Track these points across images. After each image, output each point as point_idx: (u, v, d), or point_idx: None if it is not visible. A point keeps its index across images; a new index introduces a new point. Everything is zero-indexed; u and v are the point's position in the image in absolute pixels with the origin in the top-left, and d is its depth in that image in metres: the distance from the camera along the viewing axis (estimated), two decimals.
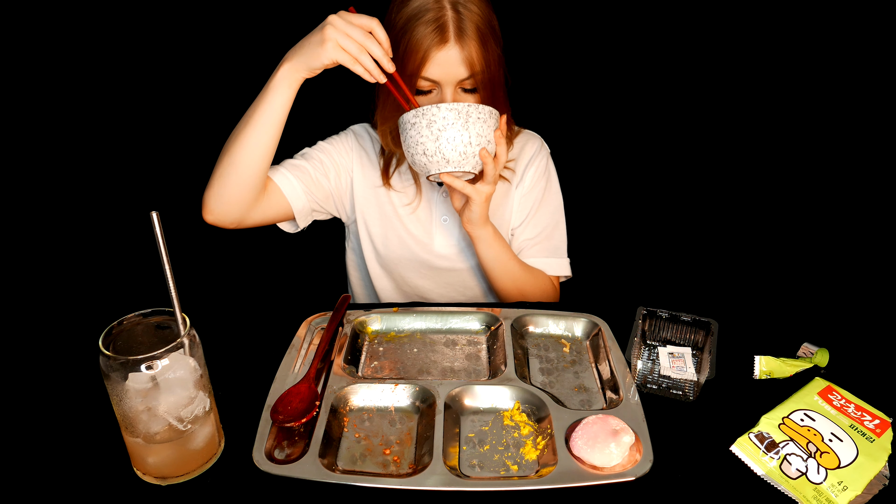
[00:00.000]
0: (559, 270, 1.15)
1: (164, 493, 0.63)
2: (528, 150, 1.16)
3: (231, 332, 0.87)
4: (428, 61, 0.91)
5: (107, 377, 0.58)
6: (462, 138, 0.87)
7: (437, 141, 0.87)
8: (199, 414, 0.62)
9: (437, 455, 0.66)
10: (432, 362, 0.84)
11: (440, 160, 0.88)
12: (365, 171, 1.13)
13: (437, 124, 0.86)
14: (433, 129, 0.86)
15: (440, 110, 0.86)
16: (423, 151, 0.88)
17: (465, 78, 0.93)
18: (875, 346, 0.85)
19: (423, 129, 0.87)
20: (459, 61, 0.91)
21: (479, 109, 0.87)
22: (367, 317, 0.91)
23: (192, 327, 0.62)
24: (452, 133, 0.86)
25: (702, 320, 0.83)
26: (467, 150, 0.88)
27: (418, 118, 0.87)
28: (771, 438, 0.66)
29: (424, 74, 0.92)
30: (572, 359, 0.85)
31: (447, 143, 0.87)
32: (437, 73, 0.92)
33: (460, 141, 0.87)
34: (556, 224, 1.17)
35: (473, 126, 0.87)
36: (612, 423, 0.68)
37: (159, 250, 0.60)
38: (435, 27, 0.89)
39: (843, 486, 0.62)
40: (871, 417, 0.69)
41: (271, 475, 0.64)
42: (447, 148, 0.87)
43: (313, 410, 0.70)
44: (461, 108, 0.86)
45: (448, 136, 0.87)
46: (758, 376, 0.78)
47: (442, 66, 0.91)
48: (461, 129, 0.86)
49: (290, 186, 1.03)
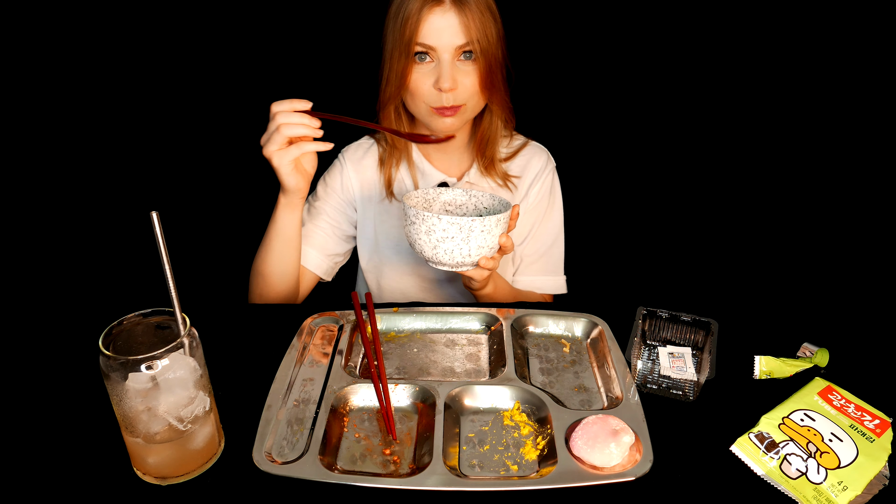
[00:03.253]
0: (555, 289, 1.15)
1: (164, 493, 0.63)
2: (534, 165, 1.14)
3: (231, 332, 0.87)
4: (422, 24, 0.90)
5: (107, 377, 0.58)
6: (462, 250, 0.83)
7: (434, 249, 0.84)
8: (199, 414, 0.62)
9: (437, 455, 0.66)
10: (432, 362, 0.84)
11: (437, 263, 0.86)
12: (364, 191, 1.13)
13: (435, 234, 0.82)
14: (431, 237, 0.83)
15: (440, 222, 0.80)
16: (420, 251, 0.86)
17: (462, 44, 0.92)
18: (875, 346, 0.85)
19: (421, 233, 0.83)
20: (455, 26, 0.91)
21: (485, 223, 0.81)
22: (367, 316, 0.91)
23: (192, 327, 0.62)
24: (451, 245, 0.82)
25: (702, 320, 0.83)
26: (466, 259, 0.85)
27: (418, 220, 0.83)
28: (771, 438, 0.66)
29: (420, 40, 0.91)
30: (572, 359, 0.85)
31: (445, 253, 0.84)
32: (434, 39, 0.91)
33: (459, 253, 0.84)
34: (554, 242, 1.16)
35: (476, 238, 0.82)
36: (612, 423, 0.68)
37: (159, 250, 0.60)
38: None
39: (843, 486, 0.62)
40: (871, 417, 0.69)
41: (271, 475, 0.64)
42: (444, 257, 0.84)
43: None
44: (463, 224, 0.80)
45: (446, 247, 0.83)
46: (758, 376, 0.78)
47: (437, 30, 0.91)
48: (461, 242, 0.82)
49: (313, 260, 1.10)
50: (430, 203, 0.97)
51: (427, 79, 0.95)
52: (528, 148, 1.15)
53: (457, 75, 0.94)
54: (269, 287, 1.02)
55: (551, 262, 1.16)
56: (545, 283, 1.15)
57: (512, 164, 1.13)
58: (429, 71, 0.95)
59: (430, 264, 0.89)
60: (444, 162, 1.11)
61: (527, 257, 1.15)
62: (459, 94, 0.95)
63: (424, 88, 0.96)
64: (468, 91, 0.96)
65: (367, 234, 1.15)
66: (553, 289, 1.15)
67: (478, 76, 0.95)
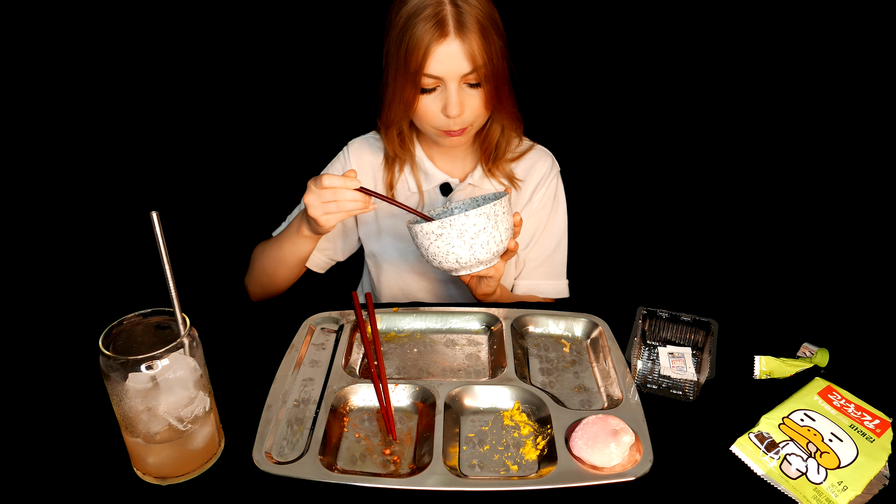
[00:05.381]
0: (557, 294, 1.15)
1: (164, 493, 0.63)
2: (539, 169, 1.13)
3: (231, 332, 0.87)
4: (429, 57, 0.90)
5: (107, 377, 0.58)
6: (494, 238, 0.85)
7: (471, 249, 0.85)
8: (199, 414, 0.62)
9: (437, 455, 0.66)
10: (432, 362, 0.84)
11: (474, 264, 0.88)
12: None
13: (468, 232, 0.84)
14: (465, 237, 0.84)
15: (470, 218, 0.83)
16: (456, 260, 0.87)
17: (469, 73, 0.92)
18: (875, 346, 0.85)
19: (453, 239, 0.84)
20: (461, 55, 0.90)
21: (502, 203, 0.85)
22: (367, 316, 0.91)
23: (192, 327, 0.62)
24: (485, 238, 0.85)
25: (702, 320, 0.83)
26: (500, 247, 0.87)
27: (445, 229, 0.84)
28: (771, 438, 0.66)
29: (427, 71, 0.91)
30: (572, 359, 0.85)
31: (481, 248, 0.85)
32: (440, 68, 0.91)
33: (493, 241, 0.86)
34: (557, 245, 1.16)
35: (502, 222, 0.86)
36: (612, 423, 0.68)
37: (159, 250, 0.60)
38: (434, 22, 0.88)
39: (843, 486, 0.62)
40: (871, 417, 0.69)
41: (271, 475, 0.64)
42: (482, 252, 0.86)
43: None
44: (489, 211, 0.84)
45: (481, 241, 0.85)
46: (758, 376, 0.78)
47: (444, 61, 0.90)
48: (492, 230, 0.85)
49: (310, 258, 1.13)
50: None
51: (434, 105, 0.95)
52: (533, 152, 1.15)
53: (464, 100, 0.94)
54: (271, 283, 1.10)
55: (554, 266, 1.16)
56: (548, 288, 1.15)
57: (517, 168, 1.13)
58: (435, 97, 0.95)
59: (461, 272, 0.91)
60: (448, 163, 1.11)
61: (530, 262, 1.15)
62: (467, 117, 0.96)
63: (431, 114, 0.96)
64: (475, 112, 0.97)
65: (371, 232, 1.15)
66: (555, 293, 1.15)
67: (484, 98, 0.96)
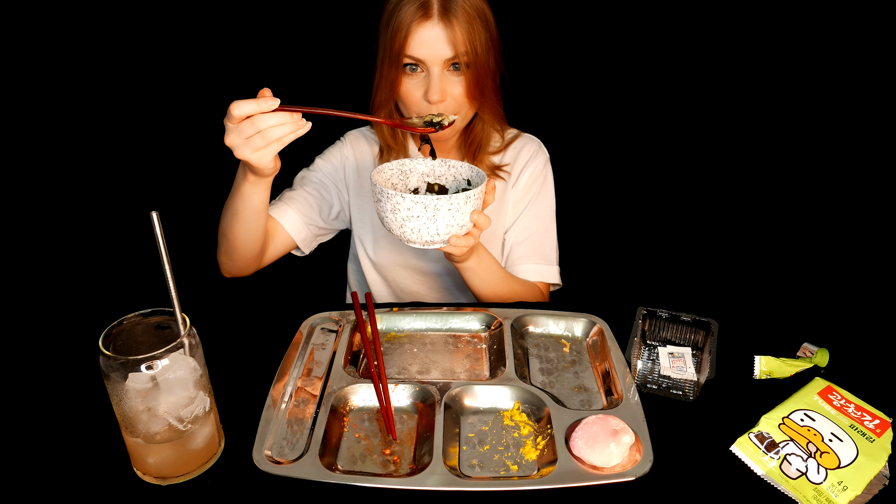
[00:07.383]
0: (548, 278, 1.14)
1: (164, 493, 0.63)
2: (525, 153, 1.15)
3: (231, 332, 0.87)
4: (411, 38, 0.91)
5: (107, 377, 0.58)
6: (428, 230, 0.79)
7: (401, 227, 0.80)
8: (199, 414, 0.62)
9: (437, 455, 0.66)
10: (432, 362, 0.84)
11: (404, 240, 0.83)
12: (360, 178, 1.14)
13: (400, 213, 0.78)
14: (397, 215, 0.79)
15: (404, 201, 0.77)
16: (389, 228, 0.83)
17: (450, 58, 0.92)
18: (875, 346, 0.85)
19: (387, 210, 0.80)
20: (443, 39, 0.91)
21: (452, 201, 0.77)
22: (367, 316, 0.91)
23: (192, 327, 0.62)
24: (416, 225, 0.79)
25: (702, 320, 0.83)
26: (435, 238, 0.81)
27: (383, 198, 0.79)
28: (771, 438, 0.66)
29: (408, 52, 0.92)
30: (572, 359, 0.85)
31: (411, 232, 0.80)
32: (422, 51, 0.92)
33: (426, 231, 0.80)
34: (545, 229, 1.16)
35: (443, 218, 0.78)
36: (612, 423, 0.68)
37: (159, 250, 0.60)
38: (419, 4, 0.91)
39: (843, 486, 0.62)
40: (871, 417, 0.69)
41: (271, 475, 0.64)
42: (411, 234, 0.81)
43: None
44: (428, 203, 0.76)
45: (412, 226, 0.79)
46: (758, 376, 0.78)
47: (425, 43, 0.91)
48: (427, 221, 0.78)
49: (291, 221, 1.06)
50: (406, 174, 0.94)
51: (417, 89, 0.96)
52: (520, 139, 1.17)
53: (446, 86, 0.95)
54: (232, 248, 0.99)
55: (543, 249, 1.15)
56: (536, 271, 1.13)
57: (504, 156, 1.15)
58: (419, 82, 0.96)
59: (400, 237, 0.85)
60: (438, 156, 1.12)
61: (517, 244, 1.15)
62: (449, 104, 0.97)
63: (414, 99, 0.97)
64: (457, 101, 0.97)
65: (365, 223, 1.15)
66: (545, 276, 1.14)
67: (466, 88, 0.96)
